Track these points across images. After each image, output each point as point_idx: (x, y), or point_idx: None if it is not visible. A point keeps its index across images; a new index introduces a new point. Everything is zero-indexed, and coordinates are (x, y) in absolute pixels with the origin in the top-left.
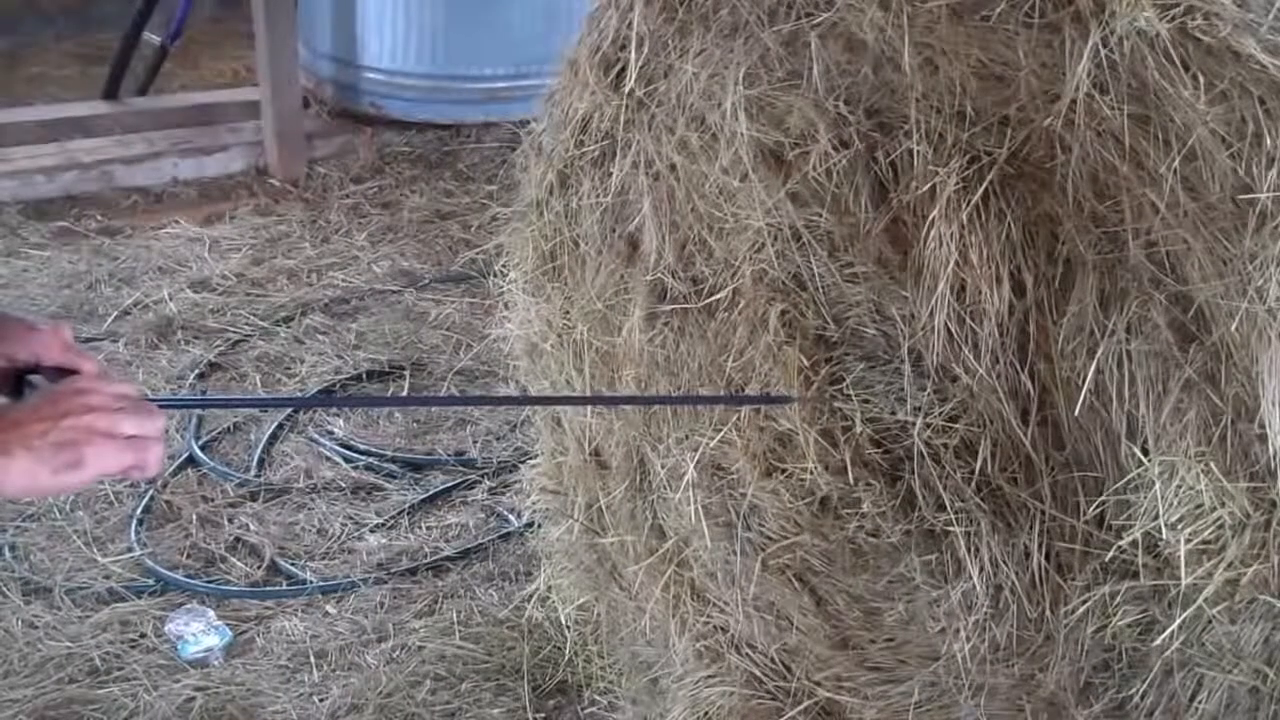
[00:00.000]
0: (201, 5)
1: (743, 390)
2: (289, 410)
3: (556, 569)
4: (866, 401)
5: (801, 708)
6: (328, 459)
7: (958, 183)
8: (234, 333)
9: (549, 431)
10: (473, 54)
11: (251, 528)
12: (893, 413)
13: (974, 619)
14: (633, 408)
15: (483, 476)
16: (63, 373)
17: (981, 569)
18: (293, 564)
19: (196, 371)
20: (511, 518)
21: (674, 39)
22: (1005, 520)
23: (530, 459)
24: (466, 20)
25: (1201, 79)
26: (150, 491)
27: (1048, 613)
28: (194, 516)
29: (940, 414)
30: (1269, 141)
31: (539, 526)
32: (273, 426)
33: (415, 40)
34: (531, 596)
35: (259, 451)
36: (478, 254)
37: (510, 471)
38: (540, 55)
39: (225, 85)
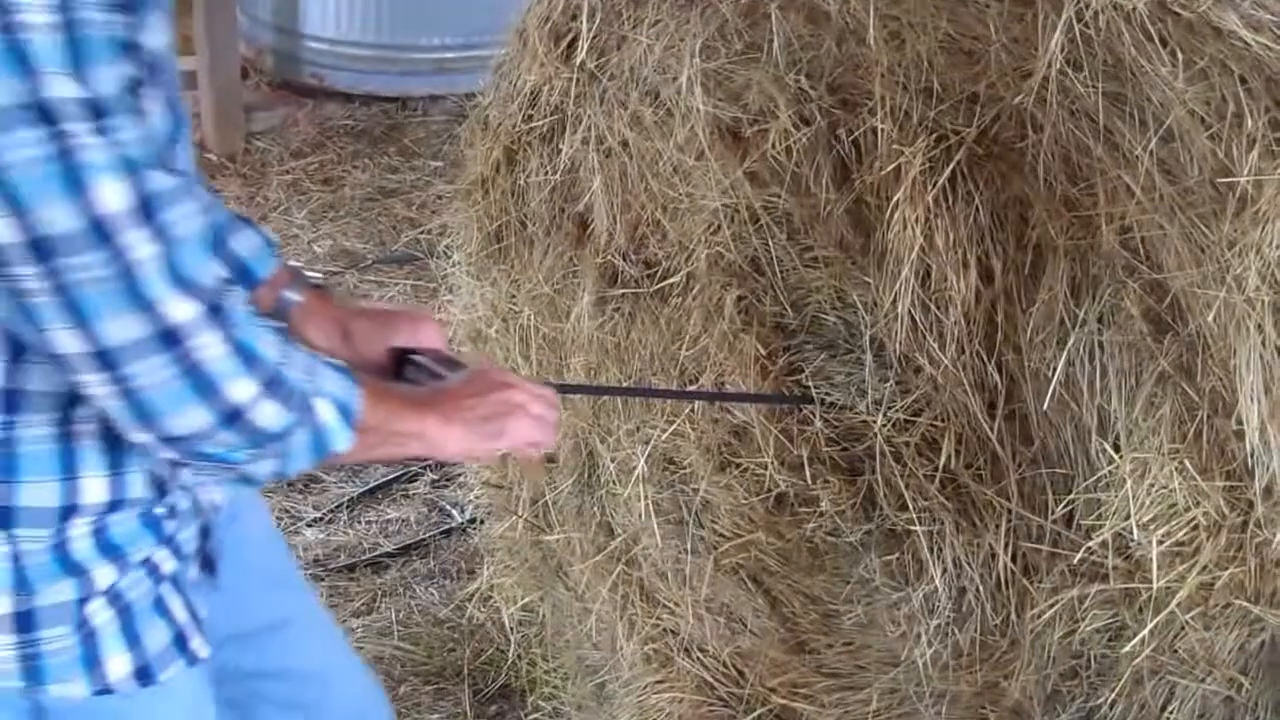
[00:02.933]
0: None
1: (696, 381)
2: None
3: (500, 567)
4: (826, 393)
5: (755, 715)
6: None
7: (924, 163)
8: None
9: None
10: (421, 22)
11: None
12: (853, 405)
13: (936, 623)
14: (581, 398)
15: (424, 469)
16: (439, 356)
17: (944, 570)
18: None
19: None
20: (454, 513)
21: (627, 8)
22: (970, 519)
23: None
24: None
25: (1180, 56)
26: None
27: (1013, 617)
28: None
29: (903, 407)
30: (1250, 122)
31: (482, 522)
32: None
33: (360, 7)
34: (473, 595)
35: None
36: (422, 234)
37: (453, 464)
38: (492, 24)
39: None
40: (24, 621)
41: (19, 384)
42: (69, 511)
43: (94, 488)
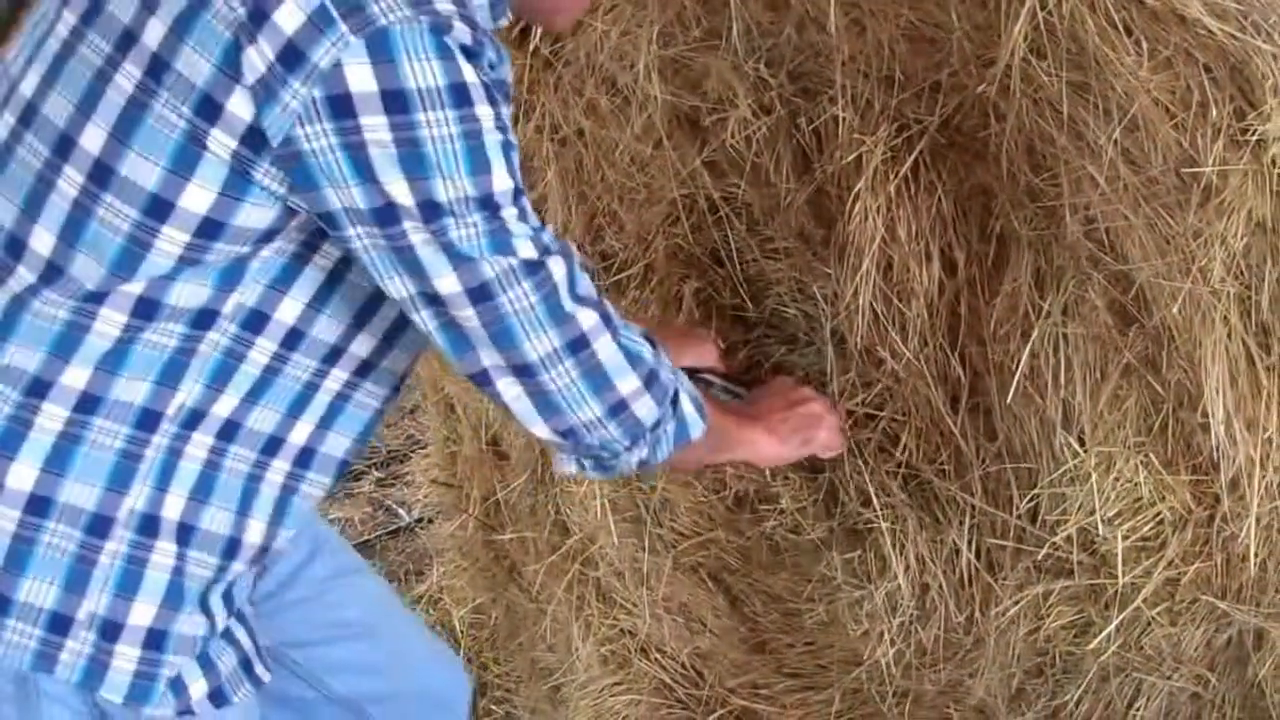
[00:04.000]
0: None
1: None
2: None
3: (450, 568)
4: None
5: (715, 717)
6: None
7: (885, 152)
8: None
9: (442, 418)
10: None
11: None
12: None
13: (899, 621)
14: None
15: (370, 466)
16: (723, 374)
17: (907, 567)
18: None
19: None
20: (401, 512)
21: None
22: (933, 515)
23: (421, 448)
24: None
25: (1145, 44)
26: None
27: (977, 614)
28: None
29: (864, 401)
30: (1215, 112)
31: (431, 521)
32: None
33: None
34: (422, 598)
35: None
36: None
37: (400, 461)
38: None
39: None
40: (157, 640)
41: (239, 419)
42: (233, 545)
43: (255, 530)
